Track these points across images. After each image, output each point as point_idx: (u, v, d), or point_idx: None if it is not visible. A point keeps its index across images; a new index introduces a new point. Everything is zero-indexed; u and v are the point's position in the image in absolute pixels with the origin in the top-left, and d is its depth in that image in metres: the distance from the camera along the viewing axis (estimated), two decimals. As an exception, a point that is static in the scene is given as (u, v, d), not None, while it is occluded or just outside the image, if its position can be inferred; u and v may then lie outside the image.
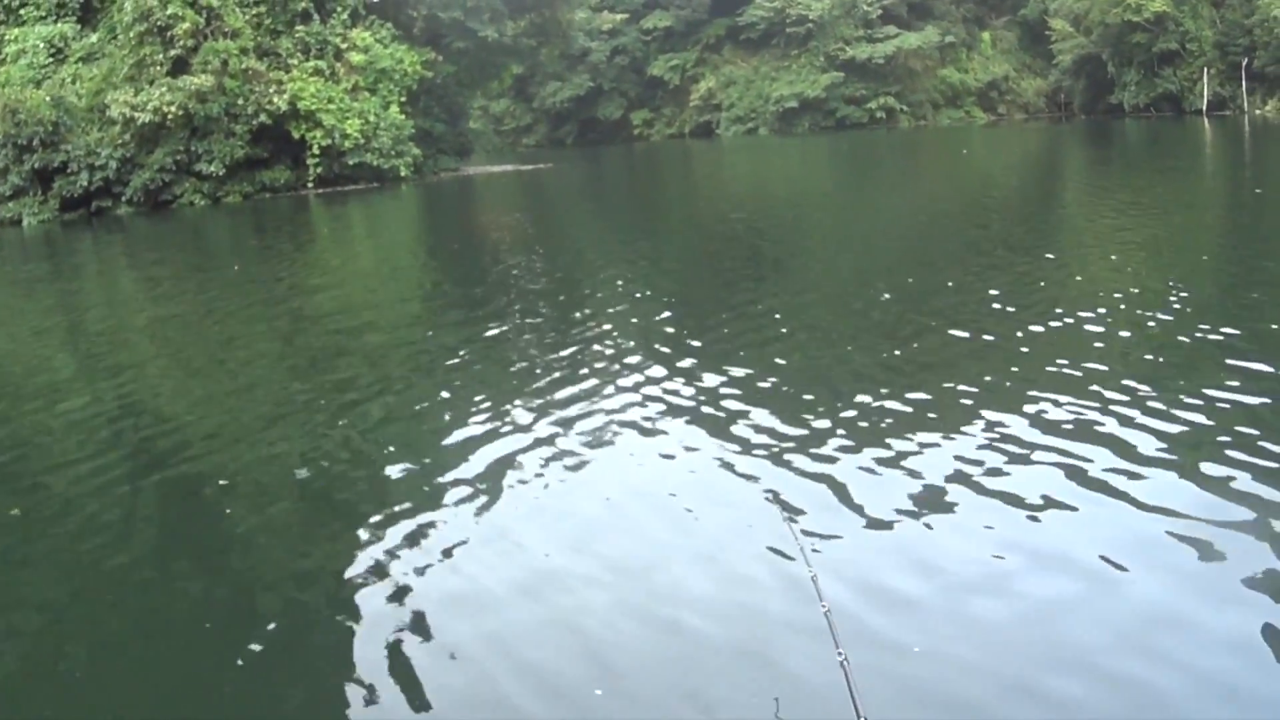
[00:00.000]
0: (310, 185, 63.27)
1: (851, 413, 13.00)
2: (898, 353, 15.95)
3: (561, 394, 15.00)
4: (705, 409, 13.66)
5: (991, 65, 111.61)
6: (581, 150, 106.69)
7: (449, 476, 12.05)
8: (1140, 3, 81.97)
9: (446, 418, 14.68)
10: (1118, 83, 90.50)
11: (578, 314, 21.08)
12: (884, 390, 13.72)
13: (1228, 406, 11.92)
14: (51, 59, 63.20)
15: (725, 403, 13.84)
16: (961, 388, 13.58)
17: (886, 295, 20.08)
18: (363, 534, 10.70)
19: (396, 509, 11.21)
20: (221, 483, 12.72)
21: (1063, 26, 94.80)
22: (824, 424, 12.61)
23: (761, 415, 13.13)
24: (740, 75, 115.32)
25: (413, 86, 66.68)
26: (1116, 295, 18.21)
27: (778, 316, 19.23)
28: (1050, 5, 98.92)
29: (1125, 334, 15.85)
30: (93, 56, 63.47)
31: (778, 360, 15.97)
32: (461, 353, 18.47)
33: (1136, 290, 18.70)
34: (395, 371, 17.80)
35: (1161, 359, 14.46)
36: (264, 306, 26.05)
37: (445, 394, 15.92)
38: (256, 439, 14.49)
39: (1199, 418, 11.67)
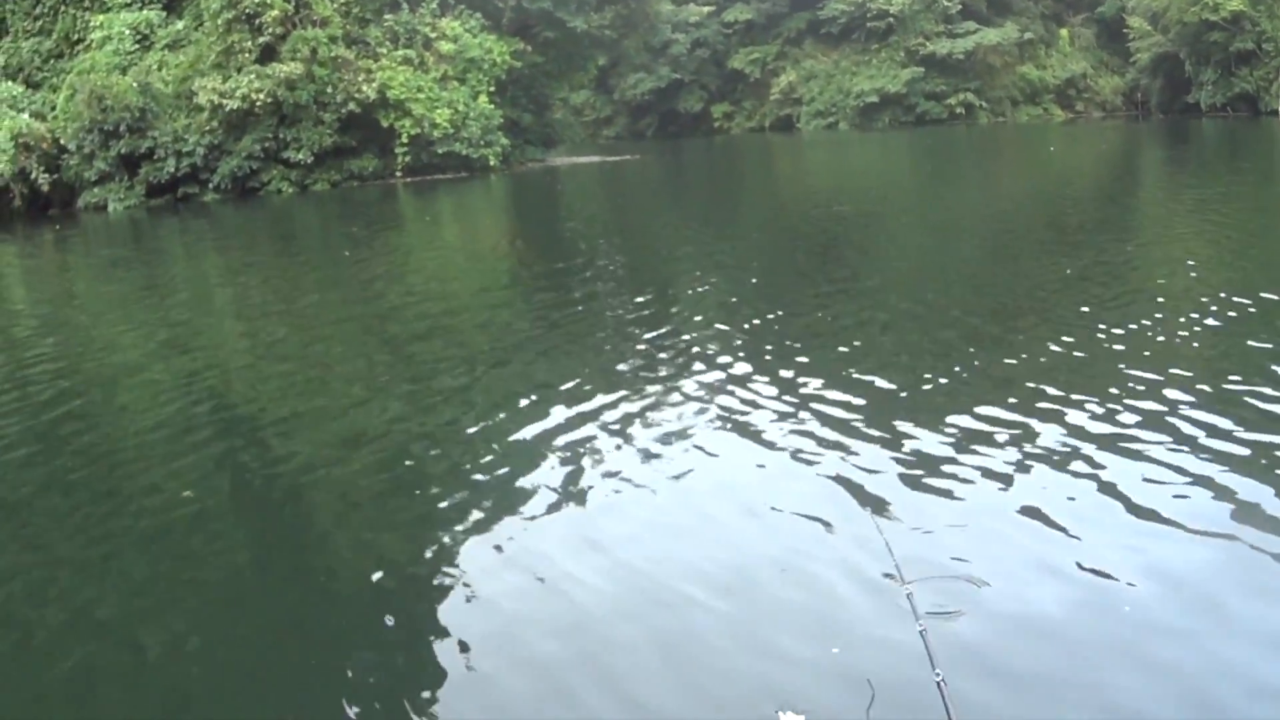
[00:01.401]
0: (398, 174, 63.23)
1: (931, 414, 12.82)
2: (980, 352, 15.93)
3: (643, 387, 15.10)
4: (785, 406, 13.55)
5: (1069, 62, 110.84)
6: (661, 143, 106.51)
7: (528, 468, 12.09)
8: (1218, 1, 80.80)
9: (528, 408, 14.68)
10: (1194, 82, 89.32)
11: (661, 307, 21.33)
12: (966, 392, 13.70)
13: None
14: (137, 45, 63.11)
15: (806, 401, 13.72)
16: (1047, 389, 13.34)
17: (969, 293, 20.46)
18: (440, 524, 10.84)
19: (474, 501, 11.31)
20: (304, 464, 13.00)
21: (1140, 24, 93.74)
22: (908, 425, 12.44)
23: (843, 413, 13.09)
24: (821, 69, 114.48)
25: (501, 76, 66.51)
26: (1200, 298, 17.94)
27: (858, 314, 19.29)
28: (1128, 3, 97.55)
29: (1200, 338, 15.65)
30: (179, 43, 63.47)
31: (858, 359, 15.90)
32: (546, 344, 18.73)
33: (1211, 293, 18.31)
34: (479, 362, 17.86)
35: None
36: (353, 293, 26.18)
37: (527, 385, 15.93)
38: (340, 423, 14.74)
39: None
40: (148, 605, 9.45)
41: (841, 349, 16.57)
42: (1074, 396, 12.91)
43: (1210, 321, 16.32)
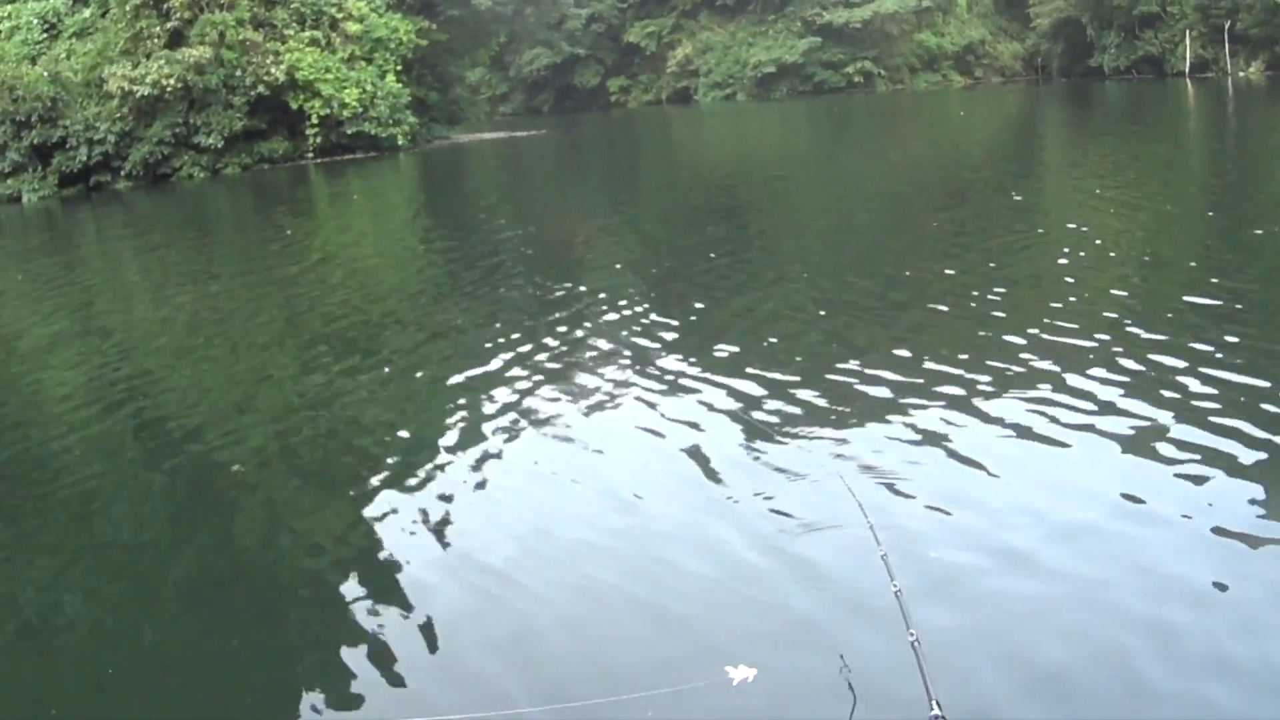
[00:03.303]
0: (309, 155, 63.34)
1: (834, 378, 13.14)
2: (888, 318, 16.19)
3: (561, 357, 15.38)
4: (693, 381, 13.66)
5: (968, 29, 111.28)
6: (559, 118, 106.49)
7: (449, 448, 12.12)
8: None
9: (443, 386, 14.90)
10: (1097, 45, 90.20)
11: (573, 282, 21.31)
12: (870, 357, 13.86)
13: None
14: (45, 35, 63.19)
15: (717, 368, 13.93)
16: (957, 354, 13.59)
17: (869, 255, 21.01)
18: (364, 506, 10.77)
19: (395, 481, 11.31)
20: (226, 456, 12.79)
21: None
22: (810, 394, 12.67)
23: (745, 382, 13.26)
24: (717, 41, 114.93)
25: (407, 55, 66.77)
26: (1100, 255, 18.91)
27: (760, 287, 19.21)
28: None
29: (1103, 294, 16.06)
30: (86, 31, 63.39)
31: (771, 330, 16.04)
32: (459, 320, 18.89)
33: (1115, 248, 19.40)
34: (395, 343, 17.82)
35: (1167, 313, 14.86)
36: (267, 278, 26.16)
37: (443, 363, 16.14)
38: (259, 413, 14.69)
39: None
40: (112, 610, 9.42)
41: (742, 321, 16.88)
42: (972, 349, 13.59)
43: (1102, 272, 17.32)
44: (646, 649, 7.57)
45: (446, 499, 10.62)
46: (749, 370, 13.66)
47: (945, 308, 16.08)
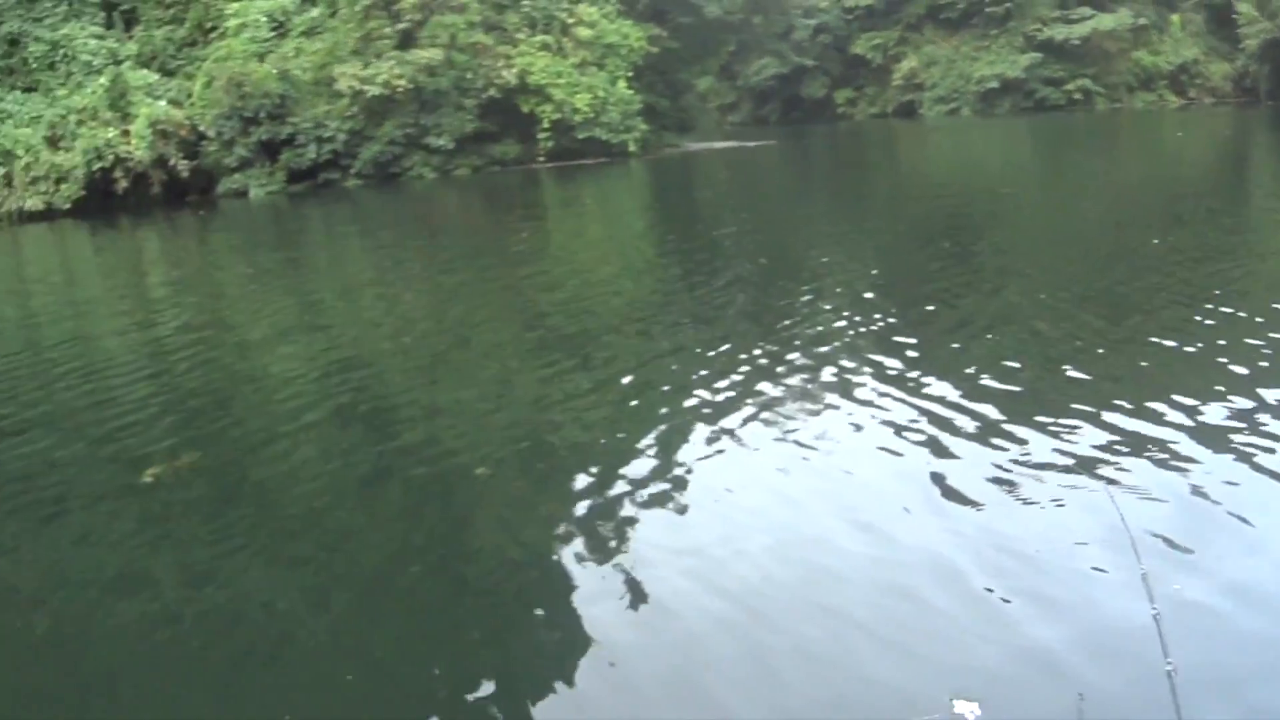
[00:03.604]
0: (540, 159, 62.77)
1: (1076, 404, 12.42)
2: (1120, 342, 15.41)
3: (800, 376, 14.79)
4: (926, 398, 13.13)
5: (1181, 48, 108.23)
6: (786, 129, 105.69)
7: (671, 457, 11.86)
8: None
9: (670, 396, 14.50)
10: None
11: (804, 294, 20.83)
12: (1108, 379, 13.32)
13: None
14: (273, 33, 63.07)
15: (969, 388, 13.33)
16: (1196, 381, 12.89)
17: (1105, 282, 19.56)
18: (593, 517, 10.47)
19: (618, 491, 11.00)
20: (443, 449, 12.86)
21: (1248, 11, 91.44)
22: (1048, 414, 12.07)
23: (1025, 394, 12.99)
24: (941, 55, 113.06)
25: (638, 62, 66.12)
26: None
27: (988, 301, 18.82)
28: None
29: None
30: (315, 30, 63.35)
31: (1000, 345, 15.59)
32: (689, 331, 18.39)
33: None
34: (626, 350, 17.41)
35: None
36: (496, 280, 25.93)
37: (670, 374, 15.70)
38: (482, 407, 14.68)
39: None
40: (293, 597, 9.42)
41: (988, 336, 16.32)
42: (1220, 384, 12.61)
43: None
44: (875, 677, 7.22)
45: (680, 512, 10.40)
46: (985, 387, 13.31)
47: (1178, 332, 15.26)
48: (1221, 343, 14.15)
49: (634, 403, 14.43)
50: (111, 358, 19.72)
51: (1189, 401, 11.89)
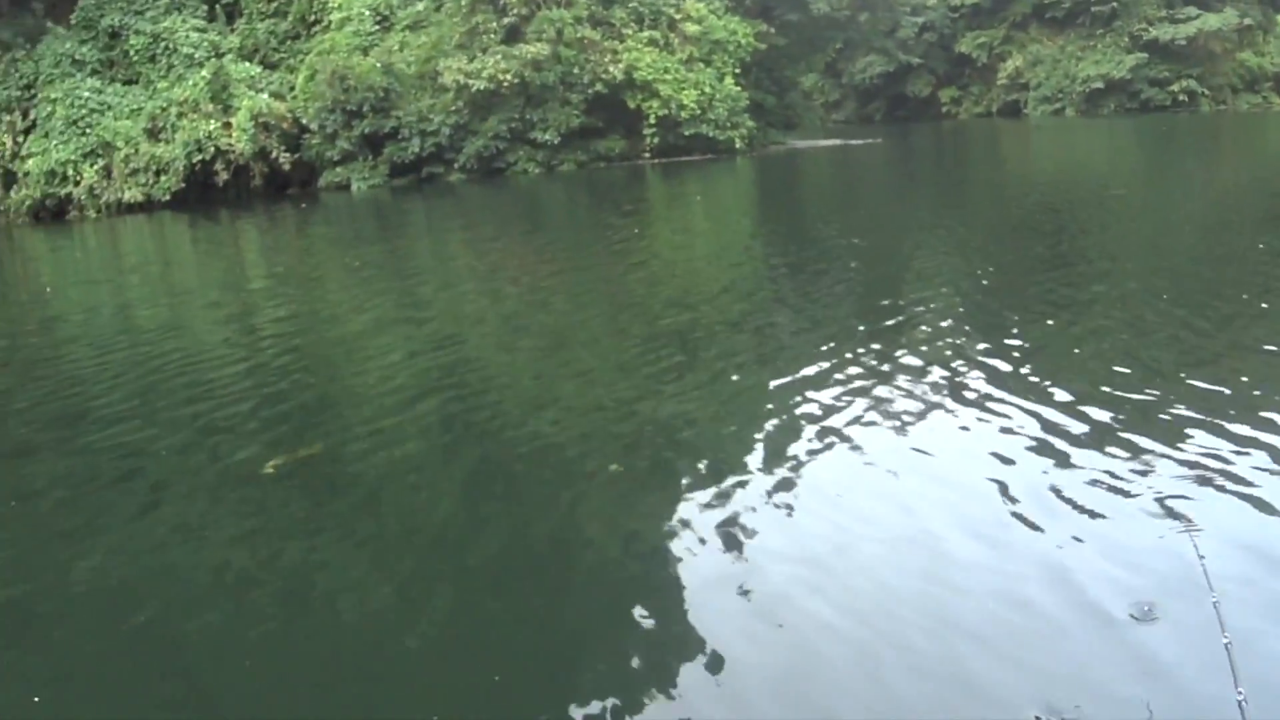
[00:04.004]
0: (646, 155, 62.35)
1: (1159, 415, 12.05)
2: (1220, 342, 15.05)
3: (885, 381, 14.31)
4: (1007, 408, 12.68)
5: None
6: (891, 127, 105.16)
7: (774, 453, 11.75)
8: None
9: (771, 392, 14.34)
10: None
11: (900, 296, 20.40)
12: (1194, 393, 12.68)
13: None
14: (377, 26, 63.11)
15: (1061, 402, 12.78)
16: None
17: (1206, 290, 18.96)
18: (664, 513, 10.45)
19: (699, 488, 10.91)
20: (546, 443, 12.75)
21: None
22: (1132, 431, 11.50)
23: (1104, 412, 12.21)
24: (1047, 54, 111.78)
25: (745, 58, 65.33)
26: None
27: (1096, 309, 17.90)
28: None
29: None
30: (419, 24, 63.23)
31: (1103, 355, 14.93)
32: (789, 329, 18.29)
33: None
34: (718, 347, 17.16)
35: None
36: (602, 273, 25.92)
37: (770, 370, 15.55)
38: (574, 406, 14.44)
39: None
40: (393, 596, 9.26)
41: (1097, 339, 15.83)
42: None
43: None
44: (980, 687, 7.05)
45: (789, 513, 10.16)
46: (1094, 392, 12.95)
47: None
48: None
49: (741, 401, 14.30)
50: (208, 348, 19.76)
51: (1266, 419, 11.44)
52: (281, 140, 56.73)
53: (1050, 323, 16.90)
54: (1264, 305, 17.01)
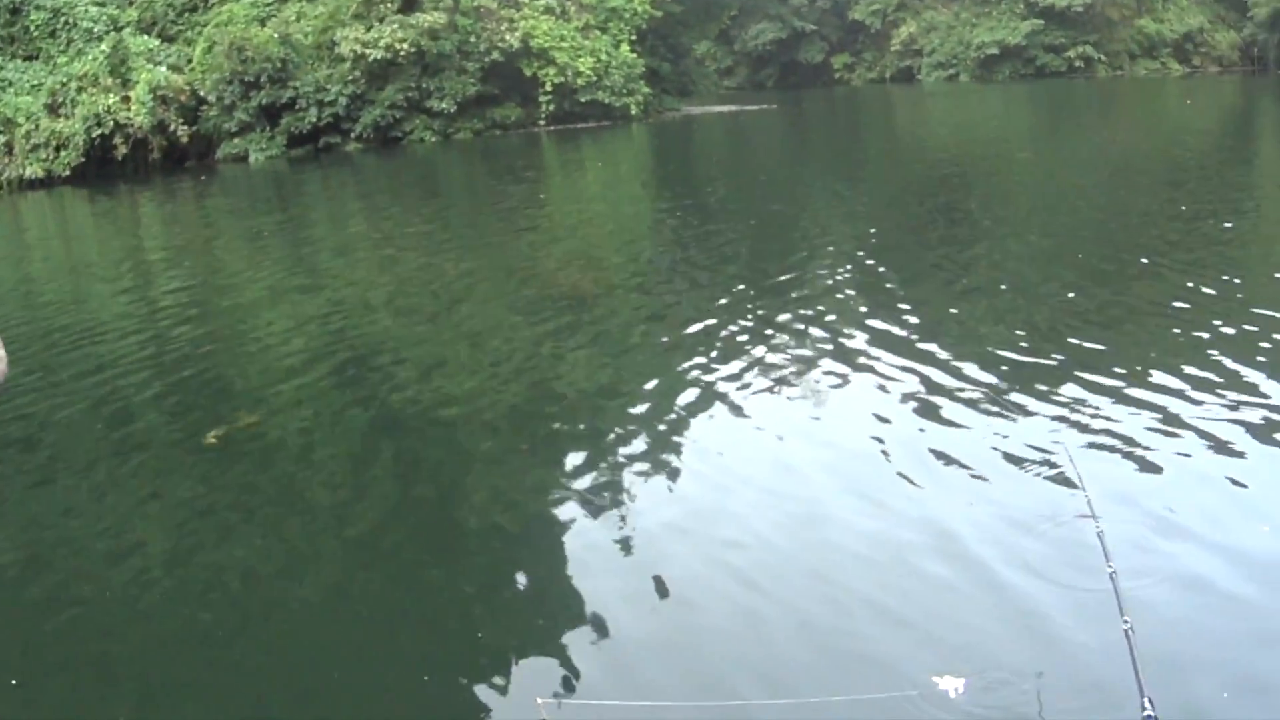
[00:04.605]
0: (542, 123, 62.81)
1: (1070, 367, 12.62)
2: (1102, 302, 15.71)
3: (782, 343, 14.81)
4: (906, 367, 13.14)
5: (1187, 16, 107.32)
6: (783, 94, 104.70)
7: (661, 415, 12.14)
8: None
9: (661, 354, 14.82)
10: None
11: (796, 258, 21.40)
12: (1085, 342, 13.47)
13: None
14: (274, -3, 62.32)
15: (950, 352, 13.51)
16: (1174, 347, 13.14)
17: (1097, 248, 20.01)
18: (583, 472, 10.69)
19: (595, 449, 11.26)
20: (445, 411, 13.03)
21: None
22: (1026, 379, 12.26)
23: (985, 364, 12.94)
24: (941, 21, 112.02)
25: (642, 25, 65.91)
26: None
27: (983, 268, 19.03)
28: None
29: None
30: (316, -6, 62.55)
31: (991, 311, 15.82)
32: (681, 294, 18.71)
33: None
34: (612, 312, 17.77)
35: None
36: (494, 241, 26.51)
37: (660, 333, 16.08)
38: (467, 370, 14.87)
39: None
40: (281, 562, 9.55)
41: (984, 300, 16.59)
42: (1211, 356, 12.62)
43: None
44: (867, 649, 7.25)
45: (674, 477, 10.44)
46: (981, 353, 13.39)
47: (1174, 301, 15.28)
48: (1219, 310, 14.30)
49: (628, 364, 14.61)
50: (107, 321, 19.94)
51: (1177, 369, 12.02)
52: (180, 113, 56.26)
53: (937, 284, 17.48)
54: (1144, 261, 17.77)
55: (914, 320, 15.24)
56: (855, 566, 8.32)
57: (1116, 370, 12.15)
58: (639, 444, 11.27)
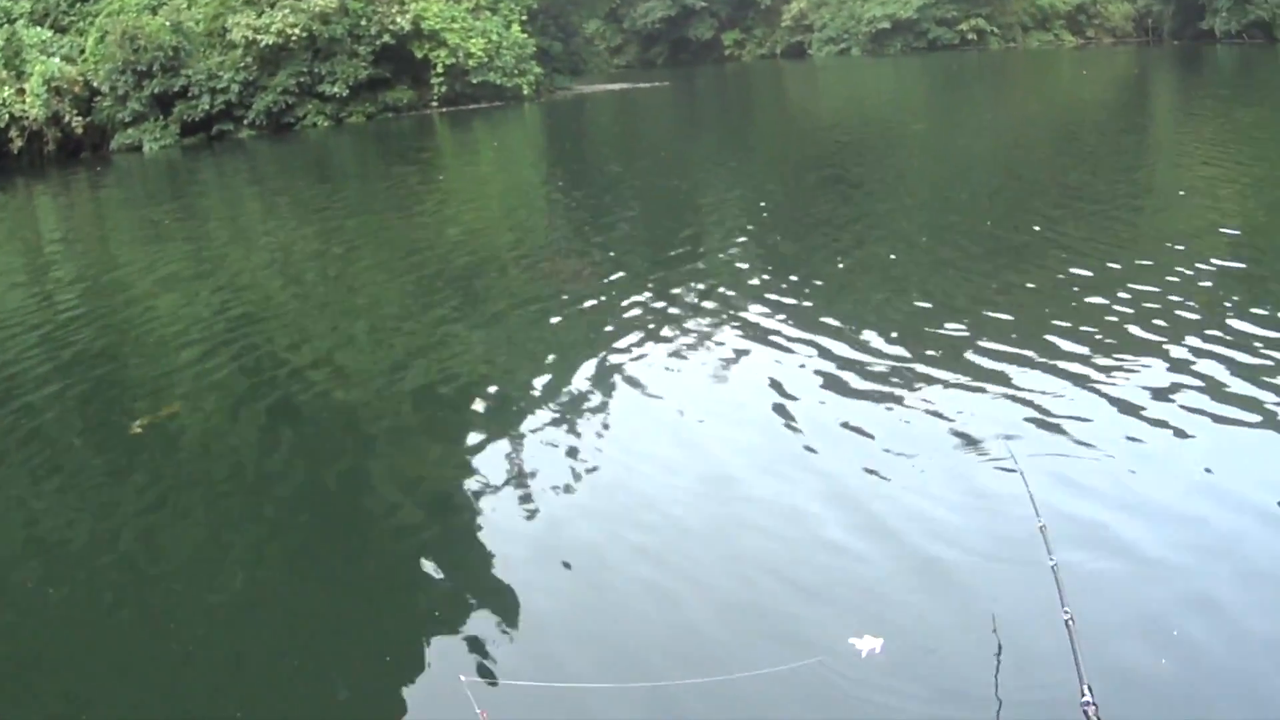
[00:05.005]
0: (434, 104, 63.13)
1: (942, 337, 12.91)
2: (999, 269, 16.15)
3: (678, 320, 14.96)
4: (799, 342, 13.30)
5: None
6: (674, 71, 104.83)
7: (568, 394, 12.24)
8: (1236, -74, 77.92)
9: (557, 332, 15.02)
10: (1209, 8, 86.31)
11: (690, 231, 21.83)
12: (977, 315, 13.68)
13: None
14: (166, -15, 62.09)
15: (858, 333, 13.50)
16: (1064, 317, 13.23)
17: (984, 216, 20.40)
18: (460, 454, 10.93)
19: (501, 425, 11.49)
20: (329, 396, 13.26)
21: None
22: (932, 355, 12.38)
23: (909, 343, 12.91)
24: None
25: (532, 5, 66.41)
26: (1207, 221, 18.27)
27: (875, 239, 19.44)
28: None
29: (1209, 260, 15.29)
30: (208, -19, 62.42)
31: (884, 285, 16.05)
32: (577, 273, 18.83)
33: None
34: (509, 291, 18.01)
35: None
36: (387, 224, 26.63)
37: (556, 310, 16.23)
38: (365, 354, 15.17)
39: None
40: (194, 549, 9.55)
41: (876, 272, 16.88)
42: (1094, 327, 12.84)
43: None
44: (778, 621, 7.33)
45: (538, 453, 10.64)
46: (876, 323, 13.60)
47: (1068, 269, 15.55)
48: (1113, 277, 14.68)
49: (526, 342, 14.81)
50: (1, 315, 19.92)
51: (1075, 335, 12.28)
52: (74, 104, 55.98)
53: (832, 255, 17.88)
54: (1037, 229, 18.21)
55: (811, 291, 15.61)
56: (765, 540, 8.35)
57: (1013, 337, 12.46)
58: (540, 421, 11.37)
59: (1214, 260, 15.08)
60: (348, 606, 8.25)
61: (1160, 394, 10.42)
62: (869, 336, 12.96)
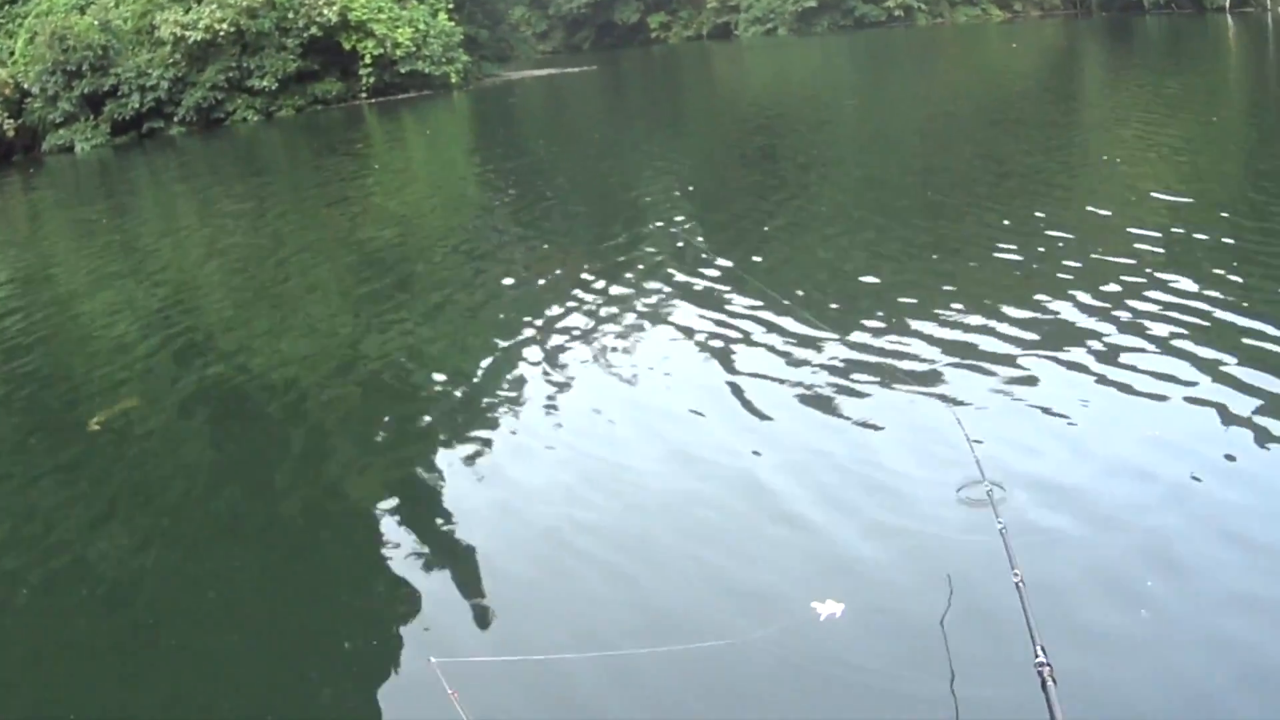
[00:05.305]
0: (363, 96, 63.28)
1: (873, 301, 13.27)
2: (934, 239, 16.34)
3: (616, 302, 15.02)
4: (741, 319, 13.36)
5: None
6: (600, 55, 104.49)
7: (499, 378, 12.45)
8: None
9: (493, 316, 15.31)
10: None
11: (624, 214, 21.78)
12: (921, 289, 13.67)
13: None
14: (94, -16, 62.16)
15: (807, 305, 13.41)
16: (998, 272, 13.89)
17: (910, 192, 20.46)
18: (403, 445, 11.08)
19: (437, 419, 11.60)
20: (278, 385, 13.32)
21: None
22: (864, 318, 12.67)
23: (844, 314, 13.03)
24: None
25: (459, -8, 65.88)
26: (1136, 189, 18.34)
27: (812, 216, 19.59)
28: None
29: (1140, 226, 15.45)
30: (136, -21, 62.43)
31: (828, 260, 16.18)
32: (512, 259, 19.06)
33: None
34: (446, 280, 18.03)
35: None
36: (320, 215, 26.75)
37: (492, 294, 16.53)
38: (302, 348, 15.01)
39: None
40: (149, 549, 9.50)
41: (803, 252, 17.03)
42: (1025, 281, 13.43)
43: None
44: (734, 593, 7.38)
45: (475, 444, 10.61)
46: (802, 299, 13.55)
47: (996, 240, 15.77)
48: (1050, 249, 14.81)
49: (471, 327, 15.03)
50: None
51: (998, 307, 12.42)
52: (4, 106, 56.35)
53: (759, 237, 17.83)
54: (973, 196, 18.53)
55: (752, 265, 15.65)
56: (721, 513, 8.44)
57: (956, 306, 12.56)
58: (489, 404, 11.53)
59: (1149, 224, 15.32)
60: (309, 597, 8.29)
61: (1104, 356, 10.54)
62: (814, 309, 12.93)
